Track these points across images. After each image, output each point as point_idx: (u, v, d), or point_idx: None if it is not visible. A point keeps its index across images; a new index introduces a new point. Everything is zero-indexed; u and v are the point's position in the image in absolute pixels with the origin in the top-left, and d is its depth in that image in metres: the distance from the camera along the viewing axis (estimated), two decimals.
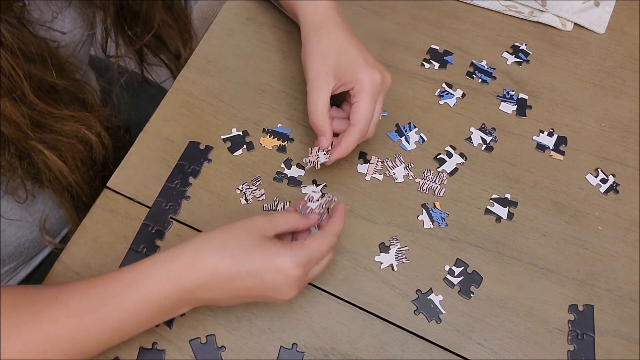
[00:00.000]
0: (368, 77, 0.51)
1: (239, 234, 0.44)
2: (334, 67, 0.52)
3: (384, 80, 0.52)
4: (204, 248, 0.44)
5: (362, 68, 0.51)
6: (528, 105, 0.63)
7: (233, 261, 0.43)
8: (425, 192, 0.58)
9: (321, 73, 0.52)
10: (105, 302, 0.42)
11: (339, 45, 0.53)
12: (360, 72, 0.51)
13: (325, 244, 0.46)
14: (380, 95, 0.53)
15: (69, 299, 0.42)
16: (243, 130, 0.61)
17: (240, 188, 0.57)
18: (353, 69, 0.51)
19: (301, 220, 0.48)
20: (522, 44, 0.67)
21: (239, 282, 0.43)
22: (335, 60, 0.52)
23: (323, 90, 0.52)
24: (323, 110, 0.52)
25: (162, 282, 0.43)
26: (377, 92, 0.52)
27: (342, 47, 0.53)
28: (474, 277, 0.54)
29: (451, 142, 0.61)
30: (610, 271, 0.55)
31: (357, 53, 0.52)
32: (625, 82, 0.66)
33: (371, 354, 0.51)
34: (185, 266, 0.43)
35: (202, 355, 0.50)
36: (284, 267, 0.43)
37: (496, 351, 0.51)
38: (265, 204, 0.56)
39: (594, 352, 0.52)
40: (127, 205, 0.56)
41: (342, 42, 0.53)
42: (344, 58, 0.52)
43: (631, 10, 0.70)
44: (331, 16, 0.55)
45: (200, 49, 0.65)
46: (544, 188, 0.59)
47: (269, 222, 0.46)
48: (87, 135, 0.50)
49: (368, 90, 0.51)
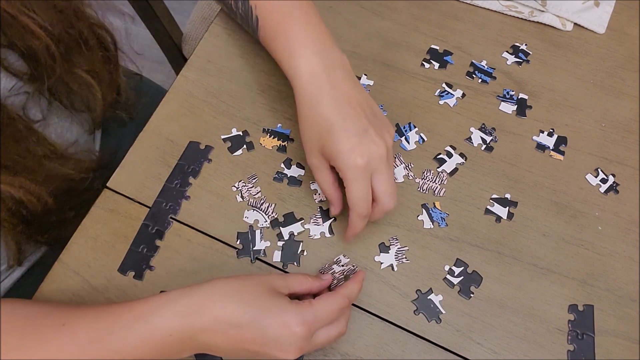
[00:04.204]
0: (347, 166, 0.48)
1: (252, 285, 0.45)
2: (320, 150, 0.50)
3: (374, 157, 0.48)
4: (216, 292, 0.44)
5: (342, 156, 0.48)
6: (528, 105, 0.63)
7: (241, 308, 0.43)
8: (425, 192, 0.58)
9: (312, 152, 0.51)
10: (112, 332, 0.42)
11: (325, 127, 0.49)
12: (340, 162, 0.48)
13: (334, 304, 0.45)
14: (377, 170, 0.49)
15: (77, 328, 0.43)
16: (243, 130, 0.61)
17: (236, 185, 0.57)
18: (334, 156, 0.48)
19: (315, 282, 0.48)
20: (522, 44, 0.67)
21: (243, 331, 0.43)
22: (320, 144, 0.50)
23: (320, 169, 0.51)
24: (327, 185, 0.52)
25: (169, 319, 0.43)
26: (363, 175, 0.48)
27: (327, 129, 0.49)
28: (474, 277, 0.54)
29: (451, 142, 0.61)
30: (610, 271, 0.55)
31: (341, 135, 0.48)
32: (625, 82, 0.66)
33: (371, 354, 0.51)
34: (194, 306, 0.43)
35: (202, 356, 0.50)
36: (288, 322, 0.43)
37: (496, 351, 0.51)
38: (250, 200, 0.56)
39: (594, 352, 0.52)
40: (127, 205, 0.56)
41: (328, 123, 0.49)
42: (328, 143, 0.49)
43: (631, 10, 0.70)
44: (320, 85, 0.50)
45: (200, 49, 0.65)
46: (544, 188, 0.59)
47: (282, 280, 0.46)
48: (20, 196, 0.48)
49: (350, 177, 0.48)
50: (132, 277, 0.53)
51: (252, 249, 0.55)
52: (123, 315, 0.43)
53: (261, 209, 0.56)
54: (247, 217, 0.56)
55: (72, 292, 0.53)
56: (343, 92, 0.50)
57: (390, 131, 0.51)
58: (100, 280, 0.53)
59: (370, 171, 0.48)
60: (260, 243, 0.55)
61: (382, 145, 0.49)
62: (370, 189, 0.49)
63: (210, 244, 0.55)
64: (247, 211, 0.56)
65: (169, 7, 0.96)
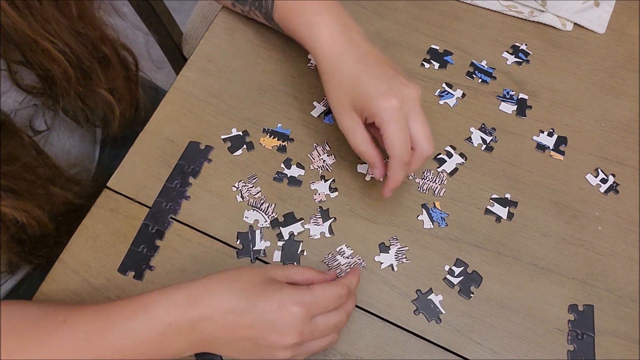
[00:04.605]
0: (382, 108, 0.48)
1: (250, 274, 0.45)
2: (352, 104, 0.50)
3: (407, 98, 0.48)
4: (213, 282, 0.44)
5: (374, 101, 0.48)
6: (528, 105, 0.63)
7: (238, 295, 0.43)
8: (425, 192, 0.58)
9: (343, 113, 0.51)
10: (112, 325, 0.43)
11: (352, 80, 0.50)
12: (374, 106, 0.48)
13: (333, 290, 0.45)
14: (412, 113, 0.49)
15: (76, 324, 0.43)
16: (243, 130, 0.61)
17: (236, 185, 0.57)
18: (367, 103, 0.49)
19: (318, 275, 0.48)
20: (522, 44, 0.67)
21: (240, 316, 0.43)
22: (351, 98, 0.50)
23: (355, 128, 0.51)
24: (364, 145, 0.51)
25: (167, 310, 0.43)
26: (399, 116, 0.48)
27: (354, 81, 0.50)
28: (474, 277, 0.54)
29: (451, 142, 0.61)
30: (610, 271, 0.55)
31: (370, 82, 0.49)
32: (625, 82, 0.66)
33: (371, 354, 0.51)
34: (192, 296, 0.43)
35: (202, 355, 0.50)
36: (285, 302, 0.43)
37: (496, 351, 0.51)
38: (250, 200, 0.56)
39: (594, 352, 0.52)
40: (127, 205, 0.56)
41: (354, 75, 0.50)
42: (357, 94, 0.50)
43: (631, 10, 0.70)
44: (341, 45, 0.52)
45: (200, 48, 0.65)
46: (544, 188, 0.59)
47: (281, 270, 0.46)
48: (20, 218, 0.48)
49: (387, 119, 0.48)
50: (132, 277, 0.53)
51: (252, 249, 0.55)
52: (123, 309, 0.43)
53: (261, 209, 0.56)
54: (247, 217, 0.56)
55: (72, 292, 0.53)
56: (364, 50, 0.51)
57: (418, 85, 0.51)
58: (100, 280, 0.53)
59: (405, 113, 0.49)
60: (260, 243, 0.55)
61: (414, 88, 0.49)
62: (408, 132, 0.49)
63: (210, 244, 0.55)
64: (247, 211, 0.56)
65: (169, 7, 0.96)
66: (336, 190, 0.58)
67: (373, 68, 0.50)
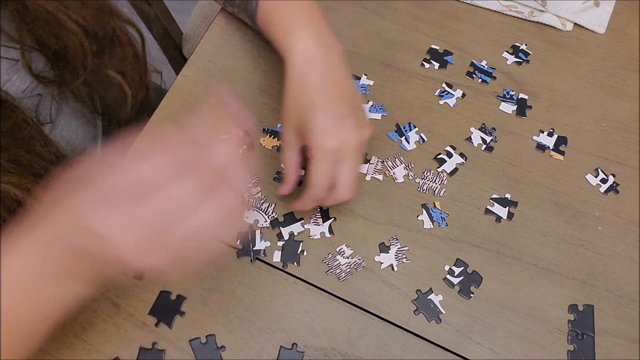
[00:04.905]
0: (317, 146, 0.48)
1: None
2: (297, 126, 0.50)
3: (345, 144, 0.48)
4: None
5: (314, 136, 0.48)
6: (528, 105, 0.63)
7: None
8: (425, 192, 0.58)
9: (287, 130, 0.51)
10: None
11: (306, 104, 0.49)
12: (311, 140, 0.48)
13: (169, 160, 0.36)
14: (345, 159, 0.49)
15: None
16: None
17: None
18: (307, 134, 0.49)
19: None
20: (522, 44, 0.67)
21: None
22: (297, 120, 0.50)
23: (291, 147, 0.52)
24: (291, 165, 0.52)
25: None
26: (329, 158, 0.48)
27: (308, 106, 0.49)
28: (474, 277, 0.54)
29: (451, 142, 0.61)
30: (610, 271, 0.55)
31: (318, 116, 0.48)
32: (625, 82, 0.66)
33: (371, 354, 0.51)
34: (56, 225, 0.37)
35: (202, 355, 0.50)
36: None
37: (496, 351, 0.51)
38: (250, 200, 0.57)
39: (594, 352, 0.52)
40: None
41: (310, 101, 0.49)
42: (304, 121, 0.49)
43: (631, 10, 0.70)
44: (311, 63, 0.50)
45: (200, 48, 0.65)
46: (544, 188, 0.59)
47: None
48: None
49: (317, 158, 0.48)
50: (132, 277, 0.53)
51: (251, 249, 0.55)
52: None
53: (261, 209, 0.56)
54: (246, 216, 0.56)
55: None
56: (333, 76, 0.50)
57: (368, 129, 0.51)
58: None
59: (338, 157, 0.49)
60: (260, 243, 0.55)
61: (357, 135, 0.49)
62: (332, 175, 0.49)
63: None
64: (247, 211, 0.56)
65: (169, 7, 0.96)
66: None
67: (329, 101, 0.49)
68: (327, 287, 0.53)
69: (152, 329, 0.51)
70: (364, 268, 0.54)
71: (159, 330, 0.51)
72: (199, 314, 0.52)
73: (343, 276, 0.54)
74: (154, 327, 0.51)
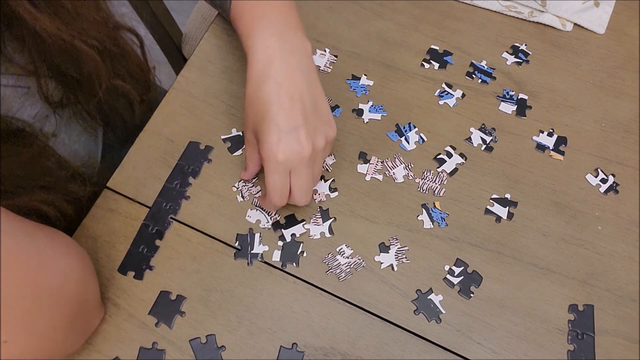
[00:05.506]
0: (266, 157, 0.48)
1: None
2: (253, 130, 0.51)
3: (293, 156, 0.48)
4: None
5: (264, 146, 0.48)
6: (528, 105, 0.63)
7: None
8: (425, 192, 0.58)
9: (247, 129, 0.52)
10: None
11: (261, 110, 0.49)
12: (261, 150, 0.49)
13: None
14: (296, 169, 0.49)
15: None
16: (243, 131, 0.60)
17: (236, 186, 0.57)
18: (260, 143, 0.49)
19: None
20: (522, 44, 0.67)
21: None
22: (253, 124, 0.50)
23: (251, 146, 0.53)
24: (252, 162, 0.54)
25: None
26: (279, 169, 0.48)
27: (262, 113, 0.49)
28: (474, 277, 0.54)
29: (451, 142, 0.61)
30: (610, 271, 0.55)
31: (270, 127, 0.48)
32: (625, 82, 0.66)
33: (371, 354, 0.51)
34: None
35: (202, 355, 0.50)
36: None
37: (496, 351, 0.51)
38: (252, 200, 0.57)
39: (594, 352, 0.52)
40: (127, 205, 0.56)
41: (265, 108, 0.48)
42: (257, 127, 0.49)
43: (631, 10, 0.70)
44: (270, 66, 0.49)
45: (200, 49, 0.65)
46: (544, 188, 0.59)
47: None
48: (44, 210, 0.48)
49: (268, 169, 0.49)
50: (132, 277, 0.53)
51: (249, 252, 0.55)
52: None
53: (263, 208, 0.56)
54: (249, 216, 0.56)
55: None
56: (290, 81, 0.49)
57: (330, 132, 0.51)
58: (101, 280, 0.53)
59: (288, 168, 0.49)
60: (259, 247, 0.55)
61: (307, 147, 0.48)
62: (287, 182, 0.50)
63: (210, 244, 0.55)
64: (251, 210, 0.56)
65: (169, 7, 0.96)
66: (336, 190, 0.58)
67: (282, 112, 0.48)
68: (327, 287, 0.53)
69: (152, 329, 0.51)
70: (364, 268, 0.54)
71: (159, 330, 0.51)
72: (199, 314, 0.52)
73: (343, 276, 0.54)
74: (154, 327, 0.51)
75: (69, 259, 0.44)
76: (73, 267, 0.44)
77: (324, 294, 0.53)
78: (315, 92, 0.51)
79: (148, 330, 0.51)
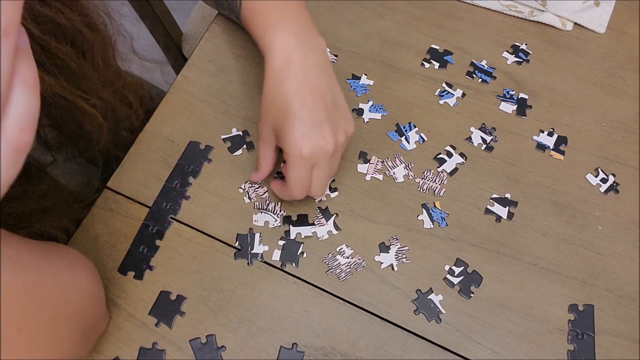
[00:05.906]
0: (291, 152, 0.48)
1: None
2: (274, 128, 0.51)
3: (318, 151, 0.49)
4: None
5: (288, 141, 0.48)
6: (528, 105, 0.63)
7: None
8: (425, 192, 0.58)
9: (264, 127, 0.52)
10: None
11: (283, 107, 0.49)
12: (286, 145, 0.49)
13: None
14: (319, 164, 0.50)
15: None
16: (243, 130, 0.61)
17: (242, 187, 0.57)
18: (282, 138, 0.49)
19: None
20: (522, 44, 0.67)
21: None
22: (274, 121, 0.50)
23: (267, 144, 0.53)
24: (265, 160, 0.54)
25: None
26: (303, 163, 0.49)
27: (284, 110, 0.49)
28: (474, 277, 0.54)
29: (451, 142, 0.61)
30: (610, 271, 0.55)
31: (294, 122, 0.48)
32: (625, 82, 0.66)
33: (371, 354, 0.51)
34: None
35: (202, 355, 0.50)
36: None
37: (496, 351, 0.51)
38: (256, 203, 0.57)
39: (594, 351, 0.52)
40: (127, 205, 0.56)
41: (287, 105, 0.49)
42: (280, 124, 0.49)
43: (631, 10, 0.70)
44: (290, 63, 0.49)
45: (200, 48, 0.65)
46: (544, 188, 0.59)
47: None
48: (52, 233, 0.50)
49: (291, 163, 0.49)
50: (132, 277, 0.53)
51: (249, 252, 0.55)
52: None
53: (268, 209, 0.56)
54: (256, 220, 0.56)
55: None
56: (310, 78, 0.50)
57: (349, 128, 0.52)
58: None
59: (312, 162, 0.49)
60: (259, 247, 0.55)
61: (330, 142, 0.49)
62: (309, 176, 0.50)
63: (210, 244, 0.55)
64: (256, 214, 0.56)
65: (169, 7, 0.96)
66: (336, 190, 0.58)
67: (304, 108, 0.48)
68: (327, 287, 0.53)
69: (152, 329, 0.51)
70: (364, 268, 0.54)
71: (159, 330, 0.51)
72: (199, 314, 0.52)
73: (343, 276, 0.54)
74: (154, 327, 0.51)
75: (82, 275, 0.44)
76: (86, 282, 0.45)
77: (324, 294, 0.53)
78: (334, 89, 0.52)
79: (148, 330, 0.51)
